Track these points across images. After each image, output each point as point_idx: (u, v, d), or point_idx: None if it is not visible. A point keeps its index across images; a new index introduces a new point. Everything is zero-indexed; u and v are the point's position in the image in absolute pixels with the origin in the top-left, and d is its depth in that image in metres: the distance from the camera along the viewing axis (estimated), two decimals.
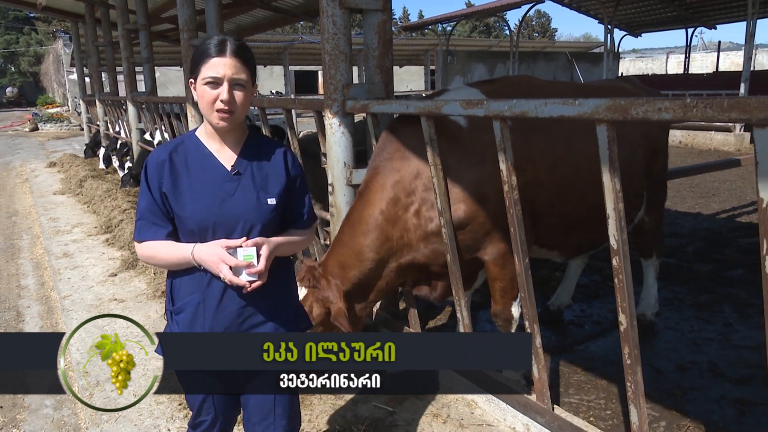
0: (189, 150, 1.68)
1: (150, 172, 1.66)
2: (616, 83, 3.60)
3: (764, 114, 1.38)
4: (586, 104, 1.79)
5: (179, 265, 1.65)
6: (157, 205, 1.65)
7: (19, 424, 2.94)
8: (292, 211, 1.78)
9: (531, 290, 2.36)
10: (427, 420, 2.75)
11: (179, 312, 1.71)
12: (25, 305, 4.63)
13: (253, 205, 1.65)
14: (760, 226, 1.50)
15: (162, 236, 1.65)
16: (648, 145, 3.23)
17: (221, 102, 1.55)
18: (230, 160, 1.68)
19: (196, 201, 1.63)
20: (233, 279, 1.55)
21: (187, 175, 1.65)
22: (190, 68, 1.62)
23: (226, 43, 1.57)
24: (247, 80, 1.59)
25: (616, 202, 1.87)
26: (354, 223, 2.76)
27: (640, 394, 2.01)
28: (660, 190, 3.56)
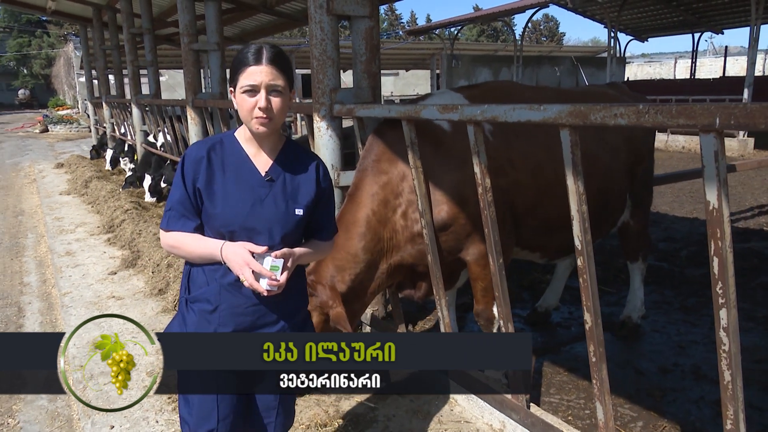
0: (227, 150, 1.72)
1: (187, 166, 1.69)
2: (601, 89, 3.66)
3: (707, 120, 1.44)
4: (549, 110, 1.86)
5: (203, 258, 1.68)
6: (188, 199, 1.68)
7: (15, 414, 3.04)
8: (316, 223, 1.82)
9: (505, 289, 2.42)
10: (408, 416, 2.82)
11: (195, 301, 1.74)
12: (26, 301, 4.74)
13: (282, 213, 1.69)
14: (708, 227, 1.56)
15: (190, 229, 1.69)
16: (631, 150, 3.29)
17: (259, 109, 1.59)
18: (265, 166, 1.71)
19: (228, 201, 1.66)
20: (253, 283, 1.58)
21: (222, 175, 1.69)
22: (230, 78, 1.68)
23: (262, 51, 1.60)
24: (284, 86, 1.62)
25: (579, 204, 1.94)
26: (348, 225, 2.76)
27: (606, 391, 2.07)
28: (645, 193, 3.62)
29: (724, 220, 1.52)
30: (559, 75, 23.63)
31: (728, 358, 1.61)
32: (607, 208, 3.24)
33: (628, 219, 3.57)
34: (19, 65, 51.59)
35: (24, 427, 2.93)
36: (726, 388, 1.63)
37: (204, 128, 5.91)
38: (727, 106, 1.42)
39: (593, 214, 3.14)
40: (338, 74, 3.22)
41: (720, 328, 1.61)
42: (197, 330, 1.72)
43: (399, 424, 2.76)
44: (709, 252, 1.57)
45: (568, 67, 23.87)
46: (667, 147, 14.71)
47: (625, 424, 2.85)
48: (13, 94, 50.52)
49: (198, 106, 5.83)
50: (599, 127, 3.03)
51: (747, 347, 3.59)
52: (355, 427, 2.73)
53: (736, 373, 1.61)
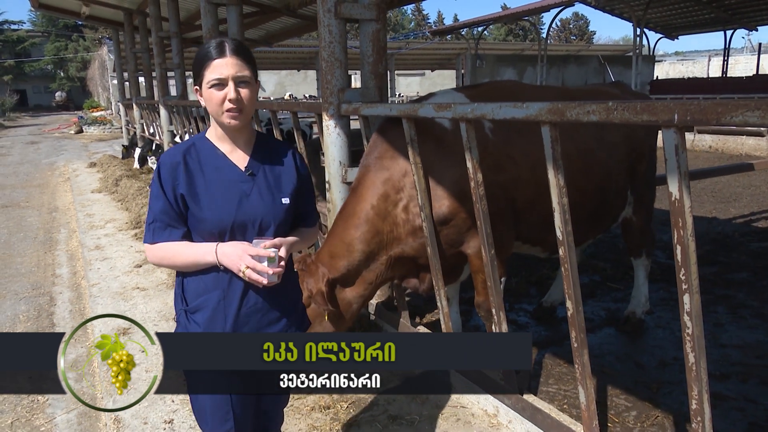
0: (201, 151, 1.69)
1: (164, 174, 1.64)
2: (603, 88, 3.72)
3: (667, 116, 1.54)
4: (531, 107, 1.97)
5: (197, 265, 1.64)
6: (172, 208, 1.64)
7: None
8: (301, 210, 1.81)
9: (497, 279, 2.54)
10: (407, 400, 2.95)
11: (195, 311, 1.70)
12: (57, 291, 5.03)
13: (270, 205, 1.67)
14: (671, 217, 1.66)
15: (177, 237, 1.65)
16: (630, 148, 3.35)
17: (229, 101, 1.57)
18: (243, 161, 1.70)
19: (214, 202, 1.63)
20: (252, 275, 1.56)
21: (203, 177, 1.65)
22: (193, 76, 1.64)
23: (224, 44, 1.59)
24: (250, 77, 1.61)
25: (560, 196, 2.04)
26: (347, 216, 2.94)
27: (587, 375, 2.17)
28: (647, 191, 3.67)
29: (685, 211, 1.61)
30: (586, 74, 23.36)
31: (692, 341, 1.70)
32: (607, 204, 3.31)
33: (631, 215, 3.63)
34: (56, 68, 53.35)
35: (53, 404, 3.16)
36: (690, 369, 1.73)
37: None
38: (684, 103, 1.51)
39: (592, 209, 3.24)
40: (346, 75, 3.37)
41: (684, 313, 1.70)
42: None
43: (398, 407, 2.90)
44: (673, 240, 1.66)
45: (595, 67, 23.56)
46: (694, 146, 14.47)
47: (619, 413, 2.93)
48: (51, 96, 52.31)
49: None
50: (600, 126, 3.13)
51: (750, 344, 3.64)
52: (357, 409, 2.88)
53: (700, 356, 1.70)
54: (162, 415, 2.87)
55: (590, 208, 3.11)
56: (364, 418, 2.81)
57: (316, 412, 2.90)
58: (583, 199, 3.06)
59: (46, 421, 3.00)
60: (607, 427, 2.80)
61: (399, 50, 29.66)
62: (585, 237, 3.36)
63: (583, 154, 3.04)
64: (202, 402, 1.77)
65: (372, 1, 3.31)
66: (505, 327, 2.59)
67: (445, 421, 2.77)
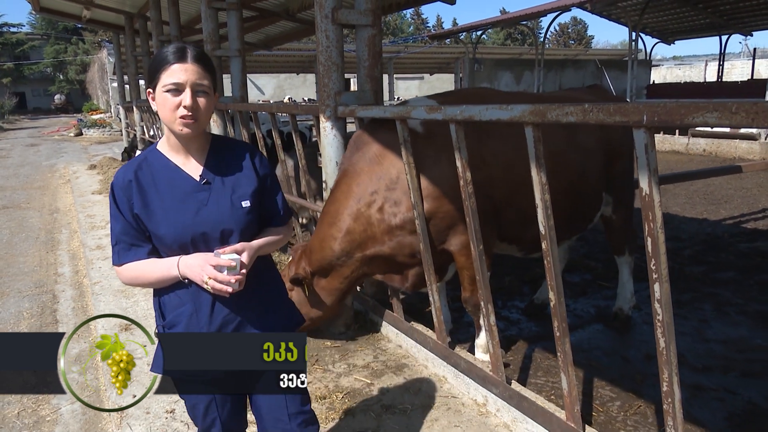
0: (153, 166, 1.64)
1: (117, 194, 1.61)
2: (576, 93, 3.83)
3: (637, 117, 1.66)
4: (515, 109, 2.10)
5: (164, 281, 1.61)
6: (131, 227, 1.61)
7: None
8: (267, 210, 1.78)
9: (485, 273, 2.65)
10: (400, 391, 3.07)
11: (172, 326, 1.69)
12: (60, 289, 5.14)
13: (228, 211, 1.63)
14: (642, 211, 1.78)
15: (143, 255, 1.62)
16: (606, 150, 3.47)
17: (185, 108, 1.51)
18: (197, 170, 1.65)
19: (170, 218, 1.59)
20: (215, 285, 1.52)
21: (156, 193, 1.61)
22: (148, 77, 1.59)
23: (186, 50, 1.54)
24: (209, 86, 1.57)
25: (542, 193, 2.16)
26: (323, 216, 3.20)
27: (569, 363, 2.28)
28: (626, 191, 3.78)
29: (655, 205, 1.73)
30: (584, 78, 23.55)
31: (662, 327, 1.82)
32: (581, 204, 3.43)
33: (611, 215, 3.75)
34: (56, 71, 53.52)
35: (57, 395, 3.27)
36: (661, 354, 1.85)
37: (225, 130, 6.26)
38: (652, 105, 1.64)
39: (567, 209, 3.35)
40: (342, 78, 3.49)
41: (654, 301, 1.82)
42: None
43: (392, 397, 3.01)
44: (644, 233, 1.78)
45: (592, 71, 23.75)
46: (689, 150, 14.62)
47: (604, 403, 3.04)
48: (50, 99, 52.42)
49: (219, 109, 6.18)
50: (571, 130, 3.26)
51: (733, 339, 3.76)
52: (352, 400, 2.99)
53: (670, 340, 1.82)
54: (164, 405, 2.97)
55: (563, 207, 3.23)
56: (359, 408, 2.92)
57: (312, 402, 3.00)
58: (559, 198, 3.18)
59: (52, 411, 3.11)
60: (592, 417, 2.92)
61: (398, 54, 29.84)
62: (564, 235, 3.47)
63: (554, 155, 3.17)
64: (192, 404, 1.80)
65: (368, 8, 3.44)
66: (494, 319, 2.71)
67: (437, 410, 2.88)
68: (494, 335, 2.72)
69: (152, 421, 2.84)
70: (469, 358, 3.03)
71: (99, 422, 3.00)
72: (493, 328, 2.71)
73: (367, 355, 3.52)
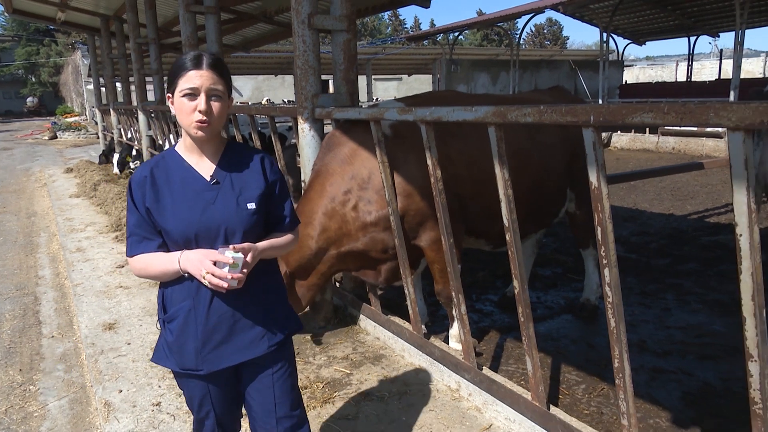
0: (169, 165, 1.74)
1: (134, 189, 1.71)
2: (539, 95, 4.03)
3: (585, 117, 1.84)
4: (479, 110, 2.26)
5: (168, 274, 1.68)
6: (144, 221, 1.69)
7: (36, 382, 3.46)
8: (273, 216, 1.83)
9: (456, 265, 2.82)
10: (378, 380, 3.22)
11: (171, 320, 1.75)
12: (41, 291, 5.18)
13: (233, 211, 1.69)
14: (592, 202, 1.95)
15: (153, 248, 1.70)
16: (567, 149, 3.67)
17: (199, 112, 1.60)
18: (209, 171, 1.73)
19: (177, 214, 1.67)
20: (212, 279, 1.57)
21: (169, 190, 1.69)
22: (167, 83, 1.69)
23: (202, 57, 1.63)
24: (223, 91, 1.65)
25: (505, 188, 2.33)
26: (299, 215, 3.27)
27: (533, 346, 2.46)
28: (588, 187, 3.99)
29: (603, 197, 1.91)
30: (559, 79, 23.99)
31: (612, 308, 2.00)
32: (547, 200, 3.62)
33: (575, 210, 3.95)
34: (28, 73, 52.52)
35: (44, 392, 3.35)
36: (612, 333, 2.02)
37: None
38: (599, 106, 1.81)
39: (533, 204, 3.54)
40: (319, 81, 3.63)
41: (605, 284, 2.00)
42: (179, 347, 1.75)
43: (370, 386, 3.16)
44: (594, 222, 1.96)
45: (566, 71, 24.22)
46: (658, 148, 15.04)
47: (570, 386, 3.23)
48: (22, 102, 51.44)
49: None
50: (536, 130, 3.45)
51: (692, 325, 4.00)
52: (332, 389, 3.13)
53: (619, 321, 2.00)
54: (150, 398, 3.07)
55: (527, 203, 3.41)
56: (339, 396, 3.06)
57: None
58: (522, 194, 3.37)
59: (39, 408, 3.19)
60: (559, 399, 3.10)
61: (375, 55, 30.00)
62: (528, 229, 3.66)
63: (519, 154, 3.35)
64: (189, 396, 1.89)
65: (343, 14, 3.58)
66: (464, 308, 2.87)
67: (412, 396, 3.03)
68: (465, 324, 2.88)
69: (139, 413, 2.94)
70: (443, 346, 3.20)
71: (86, 416, 3.09)
72: (463, 317, 2.87)
73: (346, 348, 3.66)
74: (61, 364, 3.71)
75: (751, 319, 1.61)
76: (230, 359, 1.77)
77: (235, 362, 1.78)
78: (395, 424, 2.79)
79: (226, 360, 1.77)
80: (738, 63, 12.07)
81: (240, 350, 1.77)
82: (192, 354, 1.74)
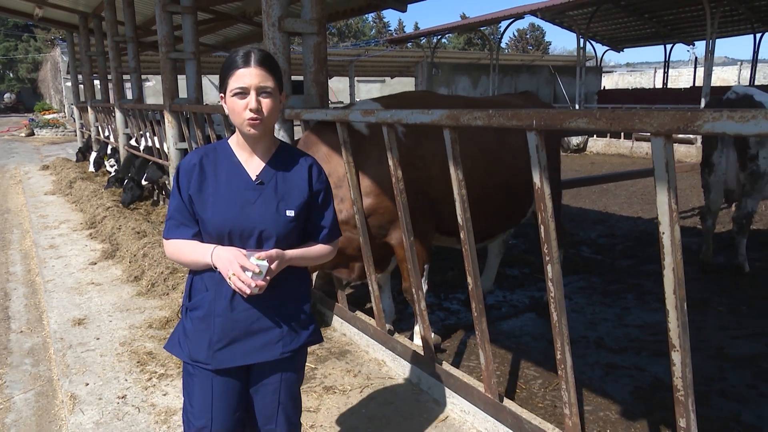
0: (219, 157, 1.74)
1: (181, 175, 1.72)
2: (508, 98, 4.16)
3: (528, 122, 1.95)
4: (434, 113, 2.36)
5: (198, 264, 1.69)
6: (185, 207, 1.70)
7: (2, 375, 3.48)
8: (313, 225, 1.81)
9: (416, 262, 2.92)
10: (341, 374, 3.30)
11: (194, 308, 1.75)
12: (12, 287, 5.17)
13: (272, 215, 1.69)
14: (536, 202, 2.06)
15: (188, 236, 1.71)
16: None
17: (250, 110, 1.60)
18: (256, 170, 1.72)
19: (217, 205, 1.67)
20: (236, 282, 1.57)
21: (214, 181, 1.70)
22: (219, 83, 1.69)
23: (251, 55, 1.62)
24: (273, 88, 1.63)
25: (459, 188, 2.43)
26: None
27: (486, 340, 2.56)
28: (553, 189, 4.11)
29: (545, 197, 2.02)
30: (538, 83, 24.34)
31: (554, 302, 2.11)
32: (514, 200, 3.74)
33: None
34: (5, 69, 51.62)
35: (10, 386, 3.37)
36: (554, 326, 2.13)
37: (180, 131, 6.37)
38: (540, 112, 1.92)
39: (501, 204, 3.65)
40: (289, 83, 3.70)
41: (548, 280, 2.11)
42: (194, 337, 1.74)
43: (333, 380, 3.24)
44: (538, 221, 2.07)
45: (546, 76, 24.58)
46: (632, 153, 15.36)
47: (527, 381, 3.35)
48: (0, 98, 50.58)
49: (175, 111, 6.29)
50: (504, 133, 3.56)
51: (649, 324, 4.15)
52: None
53: (561, 314, 2.11)
54: (115, 391, 3.12)
55: (497, 202, 3.52)
56: (303, 390, 3.11)
57: None
58: (490, 194, 3.48)
59: (4, 401, 3.21)
60: (516, 393, 3.22)
61: (358, 57, 30.06)
62: (496, 229, 3.77)
63: (488, 155, 3.46)
64: (190, 391, 1.82)
65: (313, 17, 3.66)
66: (423, 305, 2.97)
67: (374, 390, 3.12)
68: (425, 320, 2.98)
69: (104, 406, 2.98)
70: (405, 342, 3.29)
71: (52, 408, 3.12)
72: (423, 313, 2.97)
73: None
74: (29, 359, 3.73)
75: (673, 312, 1.73)
76: (242, 359, 1.74)
77: (246, 362, 1.75)
78: (355, 416, 2.87)
79: (238, 359, 1.73)
80: (709, 71, 12.40)
81: (252, 351, 1.74)
82: (205, 346, 1.73)
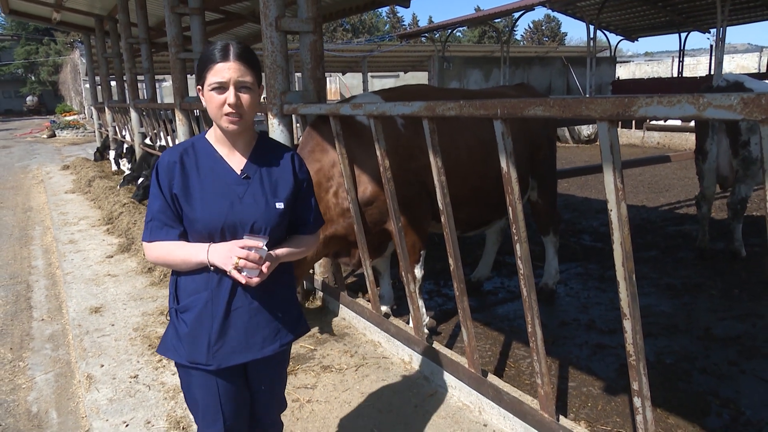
0: (199, 153, 1.69)
1: (161, 173, 1.65)
2: (503, 89, 4.29)
3: (494, 111, 2.10)
4: (414, 105, 2.52)
5: (190, 265, 1.64)
6: (168, 207, 1.64)
7: (25, 359, 3.74)
8: (298, 216, 1.80)
9: (404, 246, 3.09)
10: (339, 355, 3.49)
11: (185, 311, 1.70)
12: (34, 280, 5.46)
13: (263, 209, 1.66)
14: (504, 185, 2.22)
15: (174, 237, 1.65)
16: (527, 140, 3.93)
17: (229, 105, 1.56)
18: (240, 164, 1.69)
19: (206, 204, 1.63)
20: (248, 254, 1.55)
21: (198, 178, 1.65)
22: (196, 77, 1.64)
23: (229, 48, 1.57)
24: (252, 83, 1.59)
25: (439, 175, 2.59)
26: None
27: (468, 318, 2.72)
28: (548, 177, 4.26)
29: (512, 180, 2.17)
30: (551, 75, 24.23)
31: (524, 279, 2.26)
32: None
33: (537, 199, 4.22)
34: (27, 72, 52.77)
35: (32, 368, 3.62)
36: (525, 301, 2.29)
37: (191, 129, 6.61)
38: (504, 101, 2.07)
39: (497, 192, 3.79)
40: (287, 79, 3.89)
41: (517, 258, 2.27)
42: (191, 339, 1.70)
43: (331, 360, 3.43)
44: (506, 203, 2.22)
45: (558, 68, 24.45)
46: (644, 143, 15.30)
47: (516, 360, 3.50)
48: (22, 100, 51.71)
49: (185, 109, 6.53)
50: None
51: (641, 306, 4.22)
52: (296, 363, 3.40)
53: (530, 290, 2.26)
54: (128, 372, 3.35)
55: (492, 191, 3.67)
56: (302, 369, 3.33)
57: None
58: (486, 182, 3.63)
59: (27, 381, 3.46)
60: (505, 371, 3.37)
61: (371, 53, 30.19)
62: (491, 217, 3.92)
63: (485, 145, 3.61)
64: (194, 398, 1.79)
65: (309, 16, 3.84)
66: (413, 287, 3.14)
67: (368, 368, 3.31)
68: (415, 301, 3.15)
69: (117, 384, 3.21)
70: (399, 323, 3.47)
71: (70, 387, 3.36)
72: (413, 294, 3.14)
73: (314, 327, 3.93)
74: (49, 344, 3.98)
75: (623, 282, 1.88)
76: (242, 356, 1.73)
77: (247, 360, 1.74)
78: (349, 392, 3.06)
79: (238, 357, 1.72)
80: (720, 59, 12.30)
81: (252, 348, 1.74)
82: (204, 348, 1.70)
